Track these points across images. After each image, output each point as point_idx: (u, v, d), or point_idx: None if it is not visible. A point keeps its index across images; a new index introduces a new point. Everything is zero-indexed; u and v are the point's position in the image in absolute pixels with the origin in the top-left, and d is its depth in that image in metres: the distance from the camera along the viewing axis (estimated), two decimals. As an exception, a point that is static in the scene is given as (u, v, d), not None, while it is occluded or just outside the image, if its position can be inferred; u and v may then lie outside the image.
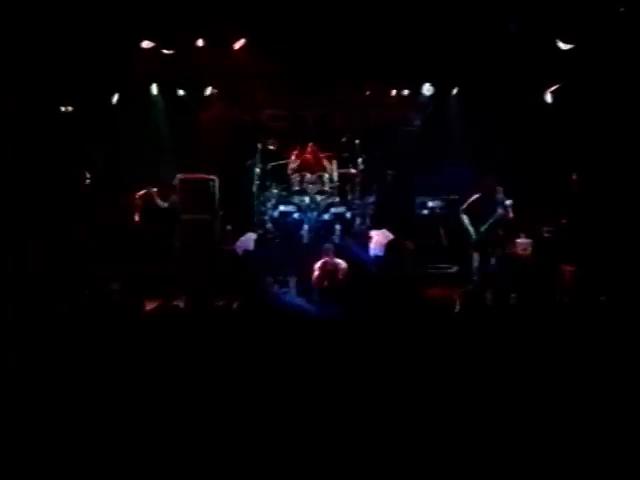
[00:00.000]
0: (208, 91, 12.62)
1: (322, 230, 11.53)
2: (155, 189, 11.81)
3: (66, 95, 11.00)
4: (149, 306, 6.59)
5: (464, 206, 10.24)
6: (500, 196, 10.13)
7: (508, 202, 10.02)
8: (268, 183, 12.05)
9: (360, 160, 12.11)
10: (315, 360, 5.09)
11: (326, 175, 11.98)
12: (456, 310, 6.53)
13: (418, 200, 12.51)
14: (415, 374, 4.95)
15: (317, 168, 11.99)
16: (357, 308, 6.85)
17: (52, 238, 9.24)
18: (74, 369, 4.99)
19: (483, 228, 10.09)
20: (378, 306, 6.62)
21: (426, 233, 12.23)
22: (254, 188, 12.10)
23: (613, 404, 4.60)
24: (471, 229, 10.16)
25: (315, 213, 11.63)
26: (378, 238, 11.55)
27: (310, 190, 11.76)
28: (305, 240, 11.50)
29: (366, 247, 11.39)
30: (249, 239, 11.70)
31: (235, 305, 6.47)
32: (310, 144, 12.12)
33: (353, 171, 12.11)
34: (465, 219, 10.23)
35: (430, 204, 12.50)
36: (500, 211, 9.97)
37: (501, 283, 9.76)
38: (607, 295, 7.09)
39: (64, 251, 9.18)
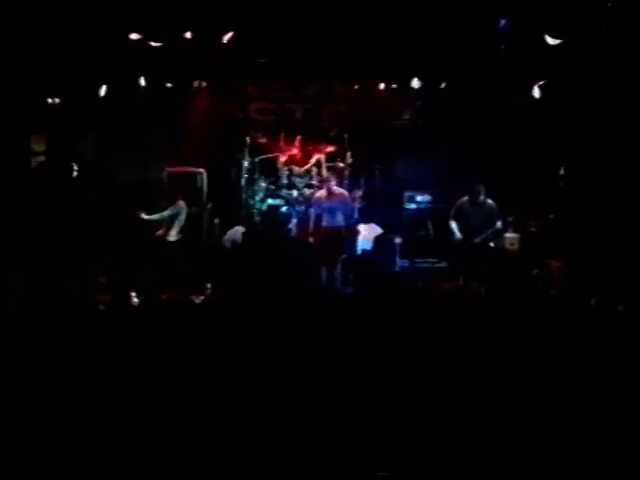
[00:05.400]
0: (196, 84, 12.57)
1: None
2: None
3: (54, 87, 10.95)
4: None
5: (452, 213, 10.22)
6: (482, 197, 10.13)
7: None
8: (256, 177, 12.04)
9: (348, 154, 12.11)
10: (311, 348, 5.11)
11: (314, 169, 11.97)
12: (443, 303, 6.55)
13: (406, 194, 12.52)
14: (400, 368, 4.97)
15: (305, 162, 12.00)
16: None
17: (39, 231, 9.20)
18: (58, 361, 4.98)
19: (478, 240, 10.05)
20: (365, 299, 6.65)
21: (414, 227, 12.25)
22: (242, 182, 12.10)
23: (597, 396, 4.63)
24: (459, 234, 10.13)
25: (303, 207, 11.63)
26: (366, 232, 11.55)
27: (298, 184, 11.77)
28: (293, 233, 11.50)
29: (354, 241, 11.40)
30: (237, 232, 11.68)
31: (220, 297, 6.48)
32: (298, 138, 12.12)
33: (341, 165, 12.10)
34: (453, 225, 10.18)
35: (418, 198, 12.51)
36: (499, 224, 10.02)
37: (489, 277, 9.79)
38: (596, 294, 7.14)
39: (52, 244, 9.14)
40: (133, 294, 7.10)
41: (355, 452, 4.26)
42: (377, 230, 11.51)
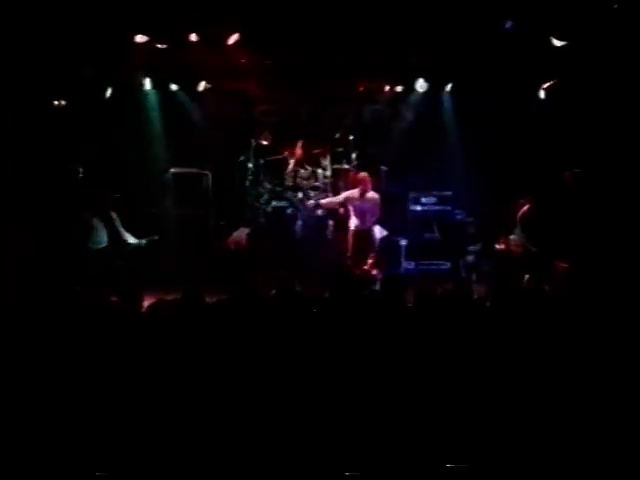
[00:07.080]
0: (201, 86, 12.57)
1: (315, 225, 11.56)
2: None
3: (59, 89, 10.96)
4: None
5: (520, 224, 9.89)
6: None
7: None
8: (261, 178, 12.04)
9: (354, 156, 12.12)
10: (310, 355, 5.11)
11: (319, 171, 11.98)
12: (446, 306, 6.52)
13: (411, 196, 12.52)
14: (401, 371, 4.96)
15: (311, 164, 12.01)
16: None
17: (43, 232, 9.22)
18: (64, 366, 4.97)
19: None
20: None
21: (419, 229, 12.27)
22: (247, 183, 12.10)
23: (604, 399, 4.62)
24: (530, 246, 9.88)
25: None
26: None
27: (303, 186, 11.77)
28: (299, 235, 11.51)
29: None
30: (242, 234, 11.69)
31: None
32: (303, 139, 12.11)
33: (346, 167, 12.11)
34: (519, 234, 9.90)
35: (424, 200, 12.51)
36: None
37: (494, 279, 9.78)
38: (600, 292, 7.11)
39: (56, 245, 9.16)
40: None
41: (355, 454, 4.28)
42: (382, 232, 11.50)
